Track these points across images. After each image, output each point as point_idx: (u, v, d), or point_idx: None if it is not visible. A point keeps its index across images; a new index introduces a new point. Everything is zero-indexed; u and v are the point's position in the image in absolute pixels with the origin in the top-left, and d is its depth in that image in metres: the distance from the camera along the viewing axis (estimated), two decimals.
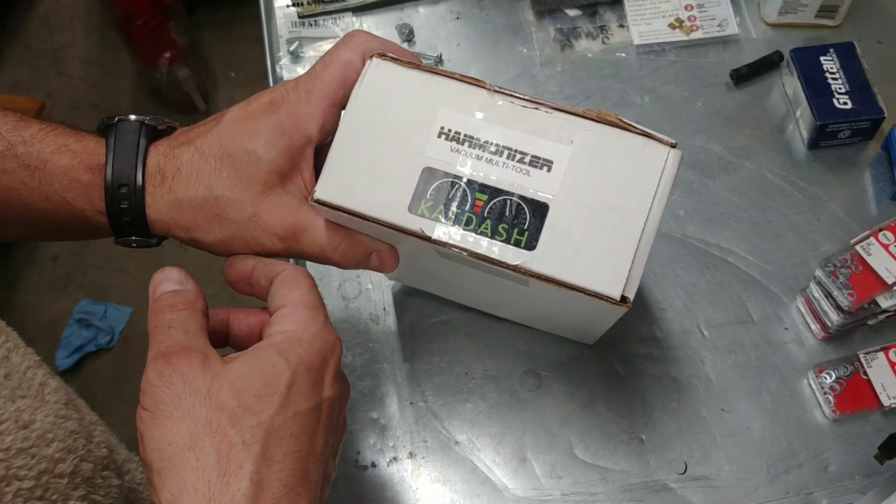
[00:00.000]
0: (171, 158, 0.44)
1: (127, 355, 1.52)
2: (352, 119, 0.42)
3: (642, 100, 0.68)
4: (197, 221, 0.44)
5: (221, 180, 0.43)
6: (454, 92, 0.41)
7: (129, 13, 1.66)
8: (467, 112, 0.41)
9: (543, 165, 0.40)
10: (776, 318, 0.59)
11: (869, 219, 0.62)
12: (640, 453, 0.55)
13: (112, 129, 0.44)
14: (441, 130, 0.41)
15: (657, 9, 0.71)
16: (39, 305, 1.58)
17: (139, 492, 0.57)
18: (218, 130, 0.43)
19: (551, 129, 0.40)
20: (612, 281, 0.39)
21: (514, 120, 0.40)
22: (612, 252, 0.39)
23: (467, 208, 0.40)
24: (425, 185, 0.40)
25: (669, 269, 0.61)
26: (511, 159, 0.40)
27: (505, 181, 0.40)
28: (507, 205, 0.40)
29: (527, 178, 0.40)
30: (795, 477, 0.54)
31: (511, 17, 0.72)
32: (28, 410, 0.44)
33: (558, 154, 0.40)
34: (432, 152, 0.41)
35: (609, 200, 0.39)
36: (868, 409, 0.55)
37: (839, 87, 0.63)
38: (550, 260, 0.39)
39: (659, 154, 0.39)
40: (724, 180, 0.64)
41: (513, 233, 0.39)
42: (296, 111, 0.43)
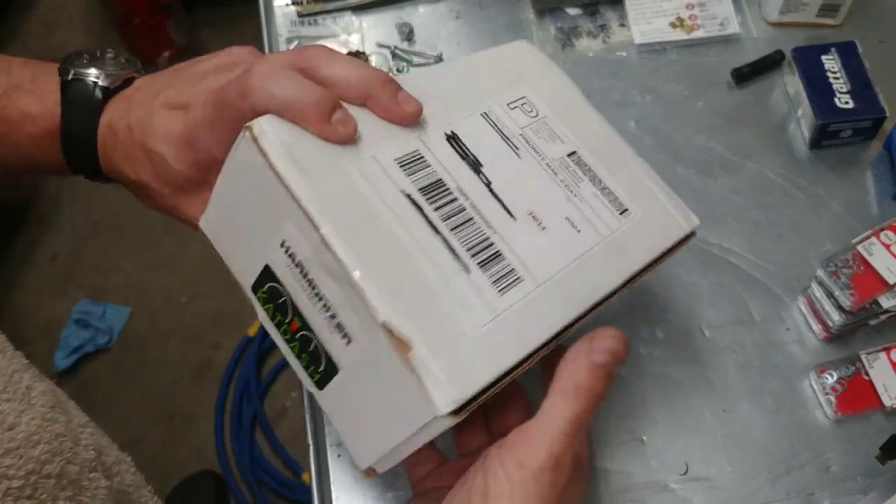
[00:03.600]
0: (111, 133, 0.45)
1: (126, 356, 1.52)
2: (227, 170, 0.39)
3: (643, 99, 0.68)
4: (134, 191, 0.47)
5: (144, 170, 0.44)
6: (297, 216, 0.36)
7: (128, 12, 1.66)
8: (306, 241, 0.36)
9: (346, 337, 0.37)
10: (777, 319, 0.59)
11: (870, 218, 0.62)
12: (641, 454, 0.55)
13: (68, 90, 0.46)
14: (283, 242, 0.37)
15: (658, 8, 0.71)
16: (38, 306, 1.58)
17: (129, 493, 0.56)
18: (147, 118, 0.44)
19: (357, 315, 0.36)
20: (364, 457, 0.39)
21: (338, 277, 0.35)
22: (369, 440, 0.38)
23: (287, 321, 0.39)
24: (263, 279, 0.39)
25: (670, 269, 0.61)
26: (325, 310, 0.37)
27: (316, 324, 0.37)
28: (312, 343, 0.38)
29: (330, 336, 0.37)
30: (797, 478, 0.54)
31: (511, 16, 0.72)
32: (13, 413, 0.44)
33: (360, 338, 0.36)
34: (273, 256, 0.38)
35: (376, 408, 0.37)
36: (870, 409, 0.55)
37: (841, 87, 0.63)
38: (332, 405, 0.39)
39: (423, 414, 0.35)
40: (725, 180, 0.64)
41: (310, 366, 0.39)
42: (201, 133, 0.41)
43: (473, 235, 0.38)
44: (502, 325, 0.36)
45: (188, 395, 1.48)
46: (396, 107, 0.40)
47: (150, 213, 0.51)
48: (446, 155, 0.41)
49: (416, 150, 0.40)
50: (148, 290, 1.58)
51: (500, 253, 0.38)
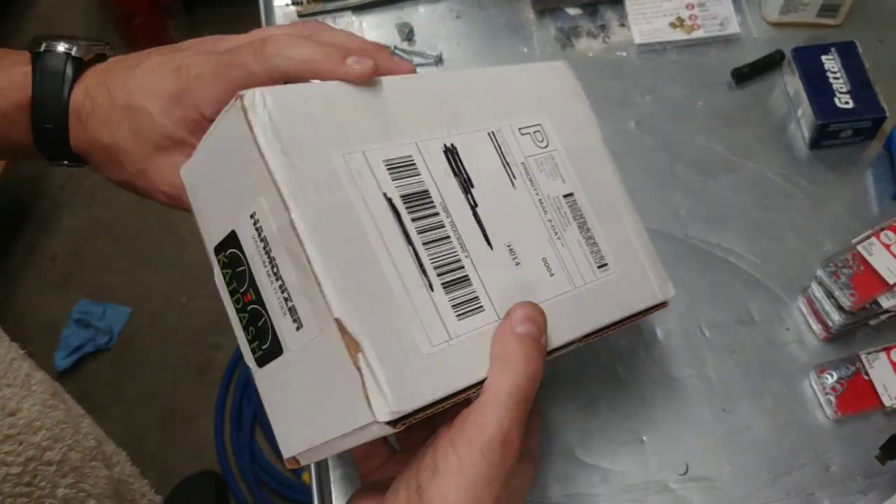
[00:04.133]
0: (88, 97, 0.45)
1: (126, 356, 1.52)
2: (210, 138, 0.39)
3: (643, 99, 0.68)
4: (103, 161, 0.46)
5: (122, 131, 0.44)
6: (270, 194, 0.35)
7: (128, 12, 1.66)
8: (274, 218, 0.36)
9: (296, 321, 0.36)
10: (777, 319, 0.59)
11: (870, 218, 0.62)
12: (640, 454, 0.55)
13: (39, 61, 0.45)
14: (252, 215, 0.37)
15: (658, 8, 0.71)
16: (38, 306, 1.58)
17: (129, 483, 0.56)
18: (130, 78, 0.44)
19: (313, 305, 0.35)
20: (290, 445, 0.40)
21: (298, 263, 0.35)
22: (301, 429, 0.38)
23: (241, 291, 0.39)
24: (228, 243, 0.39)
25: (670, 268, 0.60)
26: (280, 291, 0.36)
27: (269, 302, 0.37)
28: (262, 319, 0.38)
29: (281, 317, 0.37)
30: (797, 478, 0.54)
31: (511, 16, 0.72)
32: (14, 399, 0.44)
33: (310, 327, 0.36)
34: (241, 224, 0.38)
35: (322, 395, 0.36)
36: (870, 409, 0.55)
37: (841, 87, 0.63)
38: (267, 385, 0.39)
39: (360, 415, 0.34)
40: (725, 180, 0.64)
41: (255, 341, 0.39)
42: (194, 88, 0.42)
43: (445, 254, 0.38)
44: (455, 348, 0.36)
45: (188, 395, 1.48)
46: (395, 66, 0.42)
47: (151, 214, 0.51)
48: (439, 167, 0.40)
49: (410, 155, 0.39)
50: (148, 290, 1.58)
51: (468, 278, 0.38)
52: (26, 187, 1.70)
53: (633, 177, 0.64)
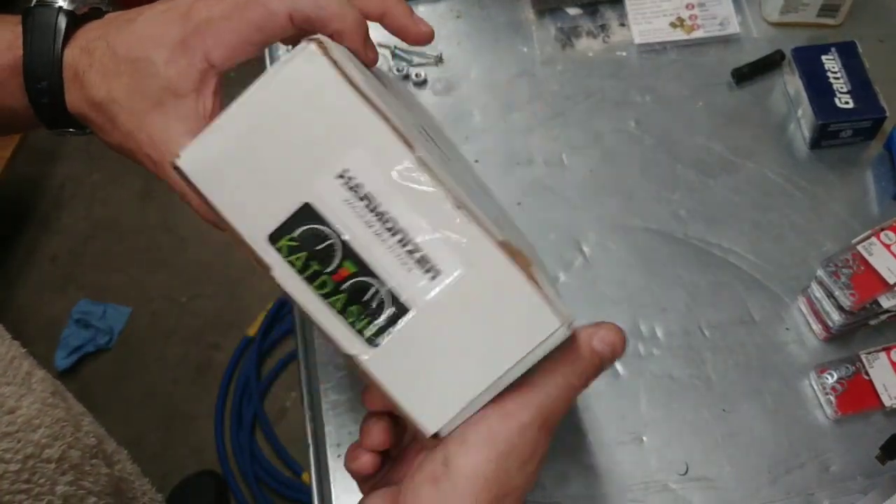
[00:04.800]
0: (85, 53, 0.42)
1: (126, 356, 1.52)
2: (257, 99, 0.34)
3: (643, 99, 0.68)
4: (99, 122, 0.42)
5: (121, 85, 0.40)
6: (379, 138, 0.34)
7: None
8: (382, 169, 0.34)
9: (430, 271, 0.34)
10: (777, 319, 0.59)
11: (871, 218, 0.62)
12: (640, 454, 0.55)
13: (29, 18, 0.42)
14: (344, 172, 0.34)
15: (658, 8, 0.71)
16: (38, 306, 1.58)
17: (130, 481, 0.56)
18: (131, 28, 0.41)
19: (459, 240, 0.34)
20: (434, 416, 0.35)
21: (427, 207, 0.34)
22: (449, 390, 0.35)
23: (328, 270, 0.35)
24: (297, 221, 0.35)
25: (670, 268, 0.61)
26: (401, 246, 0.34)
27: (382, 265, 0.34)
28: (371, 290, 0.35)
29: (405, 274, 0.34)
30: (797, 477, 0.54)
31: (512, 16, 0.72)
32: (13, 397, 0.44)
33: (451, 269, 0.34)
34: (322, 191, 0.34)
35: (473, 341, 0.35)
36: (870, 409, 0.55)
37: (841, 87, 0.63)
38: (386, 365, 0.35)
39: (547, 325, 0.35)
40: (725, 180, 0.64)
41: (362, 320, 0.35)
42: (204, 32, 0.39)
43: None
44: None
45: (188, 395, 1.48)
46: (413, 25, 0.41)
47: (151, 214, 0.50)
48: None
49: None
50: (148, 290, 1.58)
51: None
52: (26, 187, 1.70)
53: (633, 177, 0.65)
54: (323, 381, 0.58)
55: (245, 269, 1.57)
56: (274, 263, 0.35)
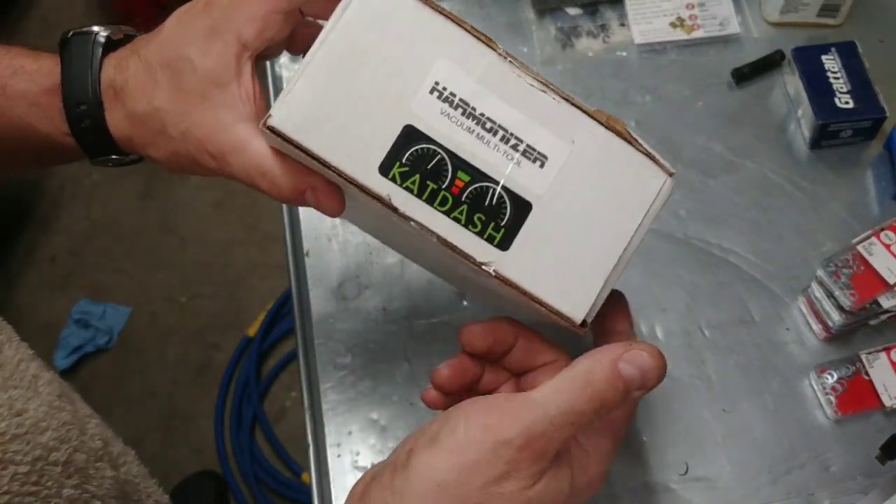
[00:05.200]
0: (120, 70, 0.42)
1: (125, 356, 1.52)
2: (335, 40, 0.35)
3: (643, 99, 0.68)
4: (146, 137, 0.42)
5: (161, 91, 0.40)
6: (459, 43, 0.35)
7: (128, 12, 1.66)
8: (468, 72, 0.35)
9: (537, 159, 0.35)
10: (777, 319, 0.59)
11: (871, 218, 0.62)
12: (641, 454, 0.55)
13: (67, 45, 0.43)
14: (435, 86, 0.35)
15: (658, 8, 0.71)
16: (38, 306, 1.58)
17: (136, 484, 0.56)
18: (160, 37, 0.41)
19: (555, 121, 0.36)
20: (578, 303, 0.36)
21: (518, 97, 0.35)
22: (585, 272, 0.36)
23: (444, 185, 0.35)
24: (403, 145, 0.35)
25: (670, 268, 0.61)
26: (504, 142, 0.35)
27: (492, 165, 0.35)
28: (490, 193, 0.35)
29: (516, 169, 0.35)
30: (797, 478, 0.54)
31: (512, 16, 0.72)
32: (21, 400, 0.44)
33: (556, 151, 0.35)
34: (419, 109, 0.35)
35: (594, 216, 0.36)
36: (870, 409, 0.55)
37: (841, 87, 0.63)
38: (521, 266, 0.36)
39: (655, 180, 0.36)
40: (725, 180, 0.64)
41: (489, 226, 0.35)
42: (231, 12, 0.39)
43: None
44: None
45: (188, 395, 1.48)
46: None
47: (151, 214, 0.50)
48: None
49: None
50: (148, 290, 1.58)
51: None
52: (26, 187, 1.70)
53: None
54: (323, 381, 0.58)
55: (245, 269, 1.57)
56: (391, 194, 0.35)
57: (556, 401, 0.33)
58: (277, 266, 1.55)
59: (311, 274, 0.62)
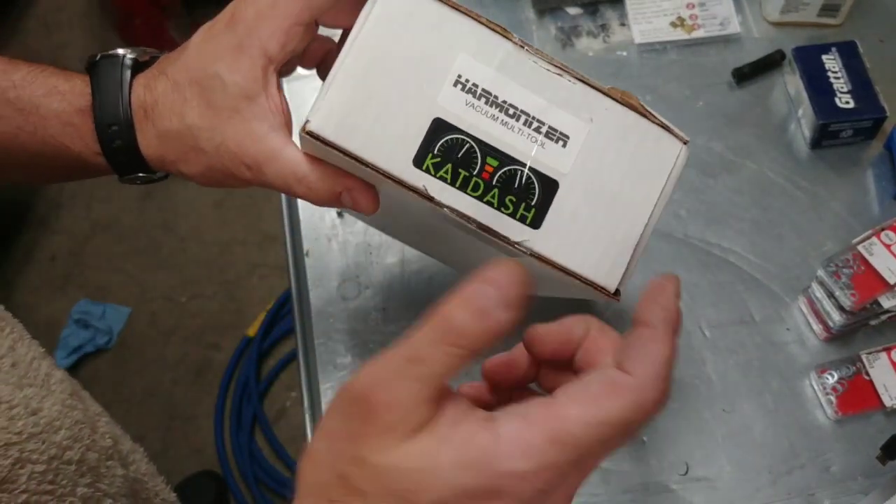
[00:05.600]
0: (149, 91, 0.43)
1: (125, 356, 1.52)
2: (361, 45, 0.37)
3: (643, 98, 0.67)
4: (178, 154, 0.43)
5: (192, 109, 0.42)
6: (477, 37, 0.37)
7: (128, 12, 1.66)
8: (488, 63, 0.37)
9: (559, 139, 0.37)
10: (778, 319, 0.59)
11: (871, 218, 0.62)
12: (641, 454, 0.55)
13: (96, 68, 0.44)
14: (458, 79, 0.37)
15: (658, 7, 0.71)
16: (37, 305, 1.58)
17: (144, 482, 0.57)
18: (186, 55, 0.42)
19: (572, 101, 0.38)
20: (611, 273, 0.38)
21: (536, 82, 0.37)
22: (614, 243, 0.38)
23: (475, 172, 0.37)
24: (434, 137, 0.37)
25: (671, 268, 0.61)
26: (527, 126, 0.37)
27: (518, 149, 0.37)
28: (518, 176, 0.37)
29: (540, 150, 0.38)
30: (797, 478, 0.54)
31: (512, 16, 0.72)
32: (36, 398, 0.44)
33: (576, 130, 0.38)
34: (445, 102, 0.37)
35: (617, 188, 0.38)
36: (870, 409, 0.55)
37: (841, 87, 0.63)
38: (553, 242, 0.38)
39: (672, 149, 0.39)
40: (725, 180, 0.64)
41: (520, 207, 0.38)
42: (255, 28, 0.40)
43: None
44: None
45: (188, 395, 1.48)
46: None
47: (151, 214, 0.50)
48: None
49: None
50: (148, 290, 1.58)
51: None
52: (26, 187, 1.70)
53: None
54: (323, 381, 0.58)
55: (245, 269, 1.57)
56: (426, 185, 0.37)
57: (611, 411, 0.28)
58: (277, 266, 1.55)
59: (311, 274, 0.62)
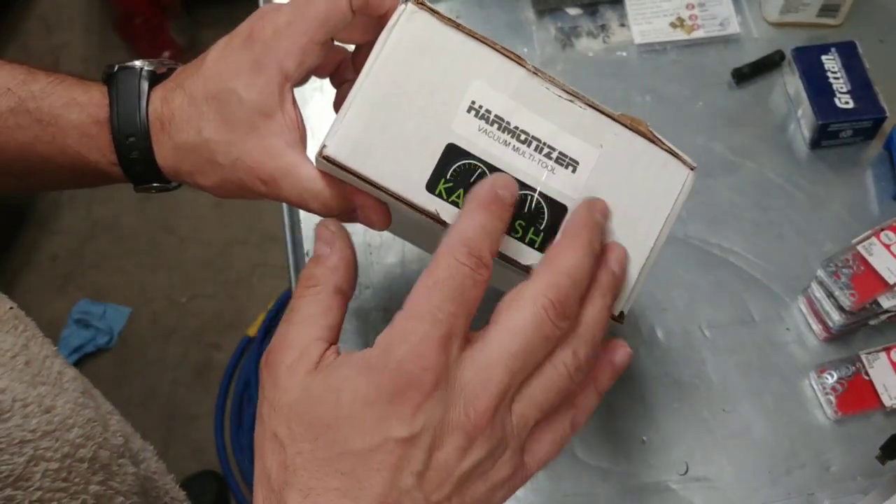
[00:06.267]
0: (166, 103, 0.43)
1: (126, 356, 1.52)
2: (378, 71, 0.38)
3: (643, 99, 0.68)
4: (195, 166, 0.44)
5: (208, 123, 0.42)
6: (491, 64, 0.38)
7: (128, 12, 1.66)
8: (501, 90, 0.38)
9: (569, 165, 0.38)
10: (778, 319, 0.59)
11: (871, 218, 0.62)
12: (641, 454, 0.55)
13: (114, 79, 0.44)
14: (471, 105, 0.38)
15: (658, 8, 0.71)
16: (38, 306, 1.58)
17: (154, 480, 0.57)
18: (203, 70, 0.43)
19: (582, 127, 0.38)
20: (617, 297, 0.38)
21: (547, 109, 0.38)
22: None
23: None
24: (447, 163, 0.38)
25: (671, 268, 0.61)
26: (538, 152, 0.38)
27: (529, 174, 0.38)
28: (528, 200, 0.38)
29: (551, 175, 0.38)
30: (797, 478, 0.54)
31: (512, 16, 0.72)
32: (49, 396, 0.45)
33: (586, 156, 0.38)
34: (459, 128, 0.38)
35: (624, 213, 0.38)
36: (870, 409, 0.55)
37: (841, 87, 0.63)
38: None
39: (679, 175, 0.39)
40: (725, 180, 0.64)
41: (529, 231, 0.38)
42: (272, 46, 0.41)
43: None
44: None
45: (188, 395, 1.48)
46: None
47: (151, 214, 0.50)
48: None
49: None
50: (148, 290, 1.58)
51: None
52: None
53: None
54: None
55: (245, 269, 1.57)
56: (438, 209, 0.38)
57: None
58: (277, 266, 1.55)
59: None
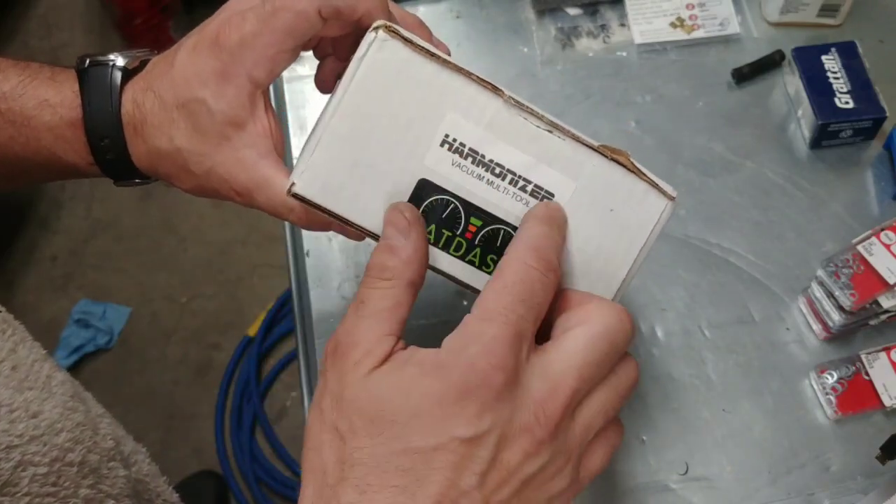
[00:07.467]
0: (137, 107, 0.42)
1: (126, 356, 1.52)
2: (347, 104, 0.37)
3: (643, 99, 0.68)
4: (170, 170, 0.43)
5: (179, 131, 0.41)
6: (466, 95, 0.36)
7: (128, 12, 1.66)
8: (476, 122, 0.37)
9: (545, 197, 0.37)
10: (778, 319, 0.59)
11: (871, 218, 0.62)
12: (640, 454, 0.55)
13: (85, 75, 0.43)
14: (444, 139, 0.37)
15: (658, 8, 0.71)
16: (38, 305, 1.58)
17: (146, 483, 0.57)
18: (172, 73, 0.41)
19: (560, 159, 0.37)
20: None
21: (524, 140, 0.37)
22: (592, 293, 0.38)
23: (458, 232, 0.38)
24: (419, 198, 0.37)
25: (670, 268, 0.61)
26: (513, 185, 0.37)
27: (502, 208, 0.37)
28: (500, 235, 0.37)
29: (525, 209, 0.37)
30: (797, 478, 0.54)
31: (511, 16, 0.72)
32: (36, 401, 0.45)
33: (561, 188, 0.37)
34: (431, 163, 0.37)
35: (598, 244, 0.38)
36: (870, 409, 0.55)
37: (841, 87, 0.63)
38: None
39: (657, 206, 0.38)
40: (725, 180, 0.64)
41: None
42: (239, 55, 0.40)
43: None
44: None
45: (188, 395, 1.48)
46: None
47: (151, 214, 0.50)
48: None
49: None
50: (148, 290, 1.58)
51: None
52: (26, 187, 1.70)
53: None
54: None
55: (245, 269, 1.57)
56: None
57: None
58: (277, 266, 1.55)
59: (311, 274, 0.62)
